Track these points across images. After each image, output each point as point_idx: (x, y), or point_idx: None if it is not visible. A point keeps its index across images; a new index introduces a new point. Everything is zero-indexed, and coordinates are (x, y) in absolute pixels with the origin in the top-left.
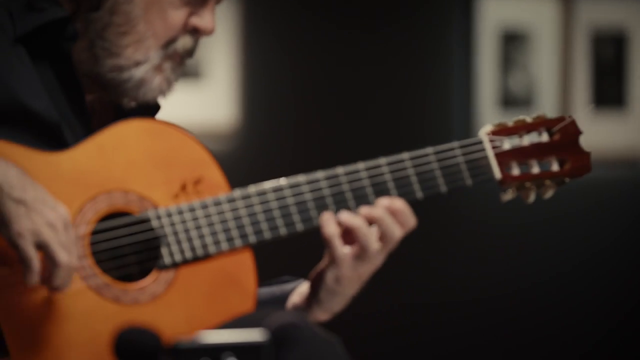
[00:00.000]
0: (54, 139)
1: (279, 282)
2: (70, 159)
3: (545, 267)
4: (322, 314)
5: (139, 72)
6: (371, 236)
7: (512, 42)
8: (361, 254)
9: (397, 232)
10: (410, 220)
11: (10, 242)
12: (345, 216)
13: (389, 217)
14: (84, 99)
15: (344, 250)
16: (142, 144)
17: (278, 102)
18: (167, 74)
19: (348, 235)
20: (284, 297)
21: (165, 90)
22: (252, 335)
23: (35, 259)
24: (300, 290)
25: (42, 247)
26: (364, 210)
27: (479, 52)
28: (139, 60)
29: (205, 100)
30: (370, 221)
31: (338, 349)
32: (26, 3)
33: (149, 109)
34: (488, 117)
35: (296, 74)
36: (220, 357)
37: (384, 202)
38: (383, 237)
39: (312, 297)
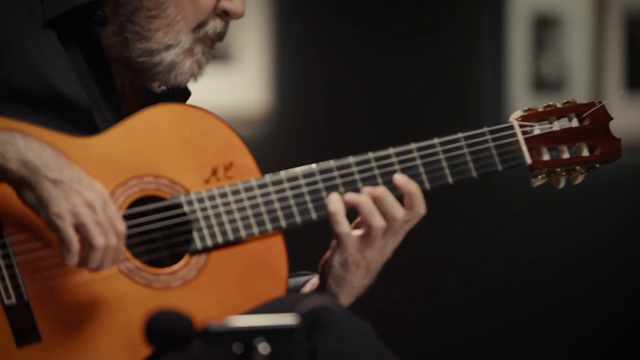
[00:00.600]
0: (84, 123)
1: (294, 275)
2: (102, 143)
3: (575, 250)
4: None
5: (169, 56)
6: (375, 213)
7: (545, 26)
8: (367, 233)
9: (399, 213)
10: (419, 206)
11: (49, 223)
12: (350, 195)
13: (390, 196)
14: (113, 83)
15: (348, 228)
16: (173, 129)
17: (310, 86)
18: (198, 57)
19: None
20: (297, 289)
21: (196, 73)
22: (285, 319)
23: (74, 240)
24: (313, 281)
25: (79, 229)
26: (368, 188)
27: (510, 35)
28: (170, 43)
29: (235, 84)
30: (373, 199)
31: (371, 333)
32: None
33: (179, 95)
34: (520, 101)
35: (328, 57)
36: (252, 342)
37: (398, 181)
38: (384, 215)
39: (321, 287)
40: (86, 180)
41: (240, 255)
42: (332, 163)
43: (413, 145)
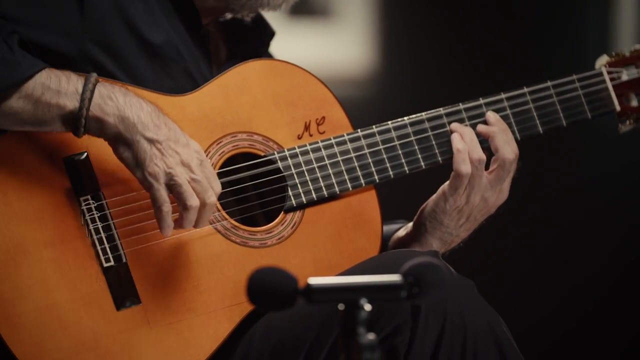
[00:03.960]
0: (175, 67)
1: (387, 223)
2: (195, 101)
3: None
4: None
5: None
6: (477, 145)
7: None
8: (473, 174)
9: (509, 153)
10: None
11: (144, 182)
12: (455, 125)
13: (502, 133)
14: (200, 23)
15: (470, 168)
16: (265, 84)
17: (415, 44)
18: None
19: None
20: (390, 234)
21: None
22: (389, 277)
23: (167, 201)
24: (407, 225)
25: (174, 189)
26: (481, 126)
27: None
28: None
29: (335, 42)
30: (485, 136)
31: (473, 289)
32: None
33: (263, 33)
34: None
35: (431, 12)
36: (356, 299)
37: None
38: (495, 151)
39: (416, 230)
40: (183, 139)
41: (335, 211)
42: (423, 115)
43: (502, 95)
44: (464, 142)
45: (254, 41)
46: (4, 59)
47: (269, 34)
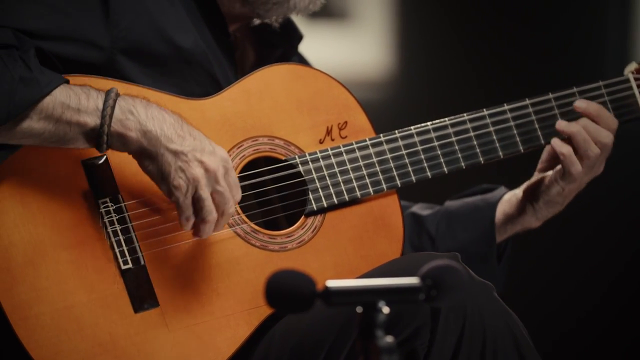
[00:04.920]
0: (204, 73)
1: (477, 192)
2: (216, 105)
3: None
4: (535, 222)
5: None
6: (590, 142)
7: None
8: (584, 162)
9: (605, 137)
10: (612, 120)
11: (170, 196)
12: (563, 124)
13: (592, 124)
14: (227, 29)
15: (580, 167)
16: (287, 89)
17: (434, 46)
18: None
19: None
20: (491, 206)
21: (315, 0)
22: (408, 279)
23: (192, 213)
24: (508, 198)
25: (197, 202)
26: (562, 123)
27: None
28: None
29: (352, 44)
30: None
31: (494, 293)
32: None
33: (292, 36)
34: None
35: (450, 14)
36: (374, 302)
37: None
38: (597, 143)
39: (527, 206)
40: (208, 147)
41: (356, 215)
42: (447, 121)
43: (526, 101)
44: (566, 144)
45: (282, 45)
46: (22, 78)
47: (298, 37)
